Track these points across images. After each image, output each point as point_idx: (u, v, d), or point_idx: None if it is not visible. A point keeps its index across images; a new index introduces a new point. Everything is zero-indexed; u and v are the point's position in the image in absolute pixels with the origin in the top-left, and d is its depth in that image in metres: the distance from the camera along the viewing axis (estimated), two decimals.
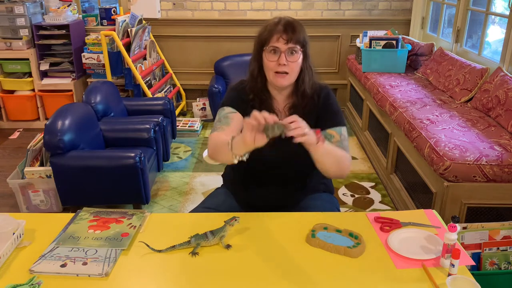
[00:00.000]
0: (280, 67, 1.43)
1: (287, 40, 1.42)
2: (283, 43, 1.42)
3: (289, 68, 1.44)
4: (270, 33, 1.44)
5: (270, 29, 1.44)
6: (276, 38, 1.42)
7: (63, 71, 4.13)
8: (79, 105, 2.83)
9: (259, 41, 1.47)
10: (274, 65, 1.44)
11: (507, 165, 1.98)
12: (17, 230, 1.27)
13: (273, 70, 1.45)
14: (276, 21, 1.46)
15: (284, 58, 1.42)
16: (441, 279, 1.12)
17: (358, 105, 4.02)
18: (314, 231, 1.31)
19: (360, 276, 1.15)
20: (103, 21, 4.36)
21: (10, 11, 3.92)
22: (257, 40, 1.49)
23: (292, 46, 1.42)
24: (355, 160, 3.47)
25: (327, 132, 1.49)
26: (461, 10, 3.37)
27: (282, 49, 1.42)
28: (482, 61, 3.04)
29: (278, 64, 1.43)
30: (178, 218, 1.55)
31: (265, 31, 1.46)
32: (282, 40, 1.42)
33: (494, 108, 2.50)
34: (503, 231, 1.77)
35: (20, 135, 4.07)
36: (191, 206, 2.71)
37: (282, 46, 1.42)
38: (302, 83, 1.50)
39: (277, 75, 1.45)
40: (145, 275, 1.16)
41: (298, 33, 1.43)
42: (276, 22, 1.45)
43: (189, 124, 4.08)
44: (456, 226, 1.14)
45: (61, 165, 2.45)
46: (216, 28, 4.45)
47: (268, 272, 1.16)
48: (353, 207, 2.80)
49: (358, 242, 1.26)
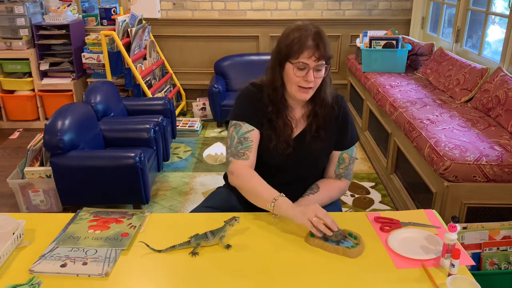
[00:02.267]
0: (307, 83, 1.40)
1: (318, 58, 1.36)
2: (313, 60, 1.36)
3: (314, 83, 1.41)
4: (300, 48, 1.36)
5: (301, 44, 1.36)
6: (307, 55, 1.35)
7: (63, 71, 4.13)
8: (79, 105, 2.83)
9: (286, 52, 1.39)
10: (300, 80, 1.40)
11: (507, 165, 1.98)
12: (17, 230, 1.27)
13: (297, 84, 1.41)
14: (305, 34, 1.36)
15: (312, 75, 1.38)
16: (441, 279, 1.12)
17: (358, 105, 4.02)
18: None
19: (360, 276, 1.15)
20: (103, 21, 4.36)
21: (10, 11, 3.92)
22: (282, 50, 1.41)
23: (321, 63, 1.38)
24: (355, 160, 3.46)
25: (341, 156, 1.57)
26: (461, 10, 3.37)
27: (311, 66, 1.37)
28: (482, 61, 3.04)
29: (304, 80, 1.39)
30: (178, 218, 1.55)
31: (294, 44, 1.37)
32: (314, 57, 1.36)
33: (494, 108, 2.50)
34: (503, 231, 1.77)
35: (20, 135, 4.07)
36: (191, 206, 2.71)
37: (312, 64, 1.37)
38: (325, 94, 1.49)
39: (300, 89, 1.42)
40: (145, 275, 1.16)
41: (329, 49, 1.38)
42: (306, 36, 1.36)
43: (189, 124, 4.08)
44: (456, 226, 1.14)
45: (61, 165, 2.45)
46: (216, 28, 4.45)
47: (268, 272, 1.16)
48: (353, 207, 2.80)
49: (357, 242, 1.26)
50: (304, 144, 1.51)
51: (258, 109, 1.49)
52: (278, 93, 1.47)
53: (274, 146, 1.49)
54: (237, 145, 1.48)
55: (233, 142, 1.49)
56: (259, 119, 1.49)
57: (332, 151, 1.58)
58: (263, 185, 1.43)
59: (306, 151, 1.51)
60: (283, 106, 1.50)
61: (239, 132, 1.48)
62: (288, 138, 1.50)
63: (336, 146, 1.57)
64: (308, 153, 1.52)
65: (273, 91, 1.47)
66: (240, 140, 1.48)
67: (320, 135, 1.50)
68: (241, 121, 1.49)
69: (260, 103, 1.49)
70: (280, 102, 1.49)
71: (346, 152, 1.58)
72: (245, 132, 1.48)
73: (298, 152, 1.51)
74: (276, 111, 1.49)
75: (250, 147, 1.47)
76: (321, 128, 1.51)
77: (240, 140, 1.48)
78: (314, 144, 1.51)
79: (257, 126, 1.49)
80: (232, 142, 1.49)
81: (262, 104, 1.49)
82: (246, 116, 1.49)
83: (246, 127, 1.49)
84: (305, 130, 1.52)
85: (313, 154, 1.53)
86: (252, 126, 1.48)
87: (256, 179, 1.45)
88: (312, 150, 1.52)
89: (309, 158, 1.54)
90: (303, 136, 1.52)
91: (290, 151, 1.49)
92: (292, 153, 1.50)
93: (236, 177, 1.48)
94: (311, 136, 1.50)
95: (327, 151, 1.57)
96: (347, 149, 1.58)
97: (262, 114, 1.49)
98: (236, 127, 1.50)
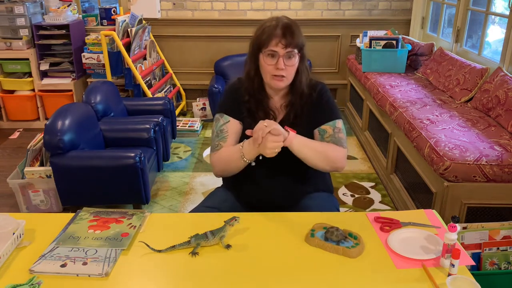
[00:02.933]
0: (278, 71, 1.45)
1: (285, 45, 1.42)
2: (281, 47, 1.43)
3: (287, 71, 1.46)
4: (268, 37, 1.43)
5: (269, 33, 1.44)
6: (275, 42, 1.43)
7: (63, 71, 4.13)
8: (79, 105, 2.83)
9: (257, 43, 1.47)
10: (271, 68, 1.45)
11: (507, 165, 1.98)
12: (17, 230, 1.27)
13: (271, 73, 1.47)
14: (274, 24, 1.45)
15: (282, 62, 1.44)
16: (441, 279, 1.12)
17: (358, 105, 4.02)
18: (314, 231, 1.31)
19: (360, 276, 1.15)
20: (103, 21, 4.36)
21: (10, 11, 3.92)
22: (254, 41, 1.49)
23: (290, 50, 1.43)
24: (355, 160, 3.47)
25: (321, 128, 1.54)
26: (461, 10, 3.37)
27: (281, 53, 1.43)
28: (482, 61, 3.04)
29: (276, 68, 1.44)
30: (178, 218, 1.55)
31: (263, 34, 1.45)
32: (281, 45, 1.42)
33: (494, 108, 2.50)
34: (503, 231, 1.77)
35: (20, 135, 4.07)
36: (191, 206, 2.71)
37: (281, 51, 1.43)
38: (300, 84, 1.52)
39: (274, 77, 1.47)
40: (145, 275, 1.16)
41: (297, 37, 1.44)
42: (275, 25, 1.44)
43: (189, 124, 4.08)
44: (456, 226, 1.14)
45: (61, 165, 2.45)
46: (216, 28, 4.45)
47: (268, 272, 1.16)
48: (353, 207, 2.81)
49: (357, 242, 1.26)
50: None
51: (236, 100, 1.56)
52: (254, 83, 1.53)
53: None
54: (214, 138, 1.56)
55: (213, 136, 1.57)
56: (237, 109, 1.55)
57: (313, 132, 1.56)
58: (228, 150, 1.50)
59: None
60: (261, 96, 1.55)
61: (217, 126, 1.56)
62: None
63: (314, 124, 1.55)
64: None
65: (249, 81, 1.54)
66: (217, 133, 1.55)
67: (297, 122, 1.53)
68: (220, 113, 1.57)
69: (238, 94, 1.56)
70: (258, 93, 1.54)
71: (326, 124, 1.54)
72: (222, 124, 1.55)
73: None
74: (255, 102, 1.54)
75: (225, 138, 1.53)
76: (297, 116, 1.54)
77: (217, 133, 1.55)
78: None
79: (236, 116, 1.55)
80: (212, 136, 1.58)
81: (240, 95, 1.55)
82: (225, 108, 1.57)
83: (222, 120, 1.55)
84: (283, 119, 1.56)
85: None
86: (230, 117, 1.54)
87: (223, 154, 1.51)
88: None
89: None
90: (281, 126, 1.48)
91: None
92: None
93: (216, 167, 1.56)
94: (289, 124, 1.50)
95: (307, 136, 1.52)
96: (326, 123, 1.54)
97: (240, 105, 1.55)
98: (216, 121, 1.58)
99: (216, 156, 1.54)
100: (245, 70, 1.56)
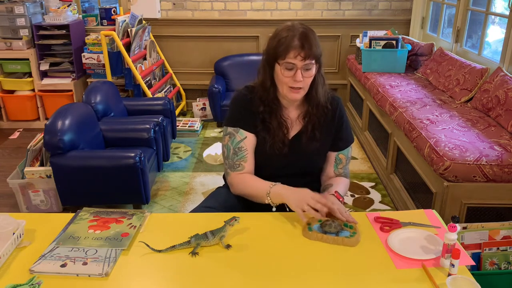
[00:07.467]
0: (296, 83, 1.40)
1: (304, 57, 1.37)
2: (300, 60, 1.37)
3: (304, 83, 1.42)
4: (286, 48, 1.37)
5: (286, 44, 1.37)
6: (293, 54, 1.37)
7: (63, 71, 4.13)
8: (79, 105, 2.83)
9: (274, 53, 1.41)
10: (289, 80, 1.41)
11: (507, 165, 1.98)
12: (17, 230, 1.27)
13: (288, 85, 1.42)
14: (292, 34, 1.38)
15: (300, 75, 1.39)
16: (441, 279, 1.12)
17: (358, 105, 4.02)
18: (310, 224, 1.33)
19: (360, 276, 1.15)
20: (103, 21, 4.36)
21: (10, 11, 3.91)
22: (270, 52, 1.43)
23: (309, 62, 1.39)
24: (355, 160, 3.47)
25: (338, 157, 1.59)
26: (461, 10, 3.37)
27: (299, 66, 1.38)
28: (482, 61, 3.04)
29: (293, 80, 1.40)
30: (178, 218, 1.55)
31: (280, 45, 1.38)
32: (300, 57, 1.37)
33: (494, 108, 2.50)
34: (503, 231, 1.77)
35: (20, 135, 4.07)
36: (191, 206, 2.71)
37: (299, 63, 1.38)
38: (316, 94, 1.49)
39: (291, 89, 1.43)
40: (145, 275, 1.16)
41: (315, 48, 1.39)
42: (292, 36, 1.37)
43: (189, 124, 4.08)
44: (456, 226, 1.14)
45: (61, 165, 2.45)
46: (216, 28, 4.45)
47: (268, 272, 1.16)
48: (353, 207, 2.80)
49: (354, 231, 1.30)
50: (300, 145, 1.52)
51: (249, 111, 1.51)
52: (269, 93, 1.49)
53: (270, 146, 1.50)
54: (233, 156, 1.51)
55: (229, 153, 1.53)
56: (252, 122, 1.51)
57: (328, 151, 1.60)
58: (257, 182, 1.48)
59: (302, 151, 1.53)
60: (276, 106, 1.51)
61: (234, 142, 1.51)
62: (284, 138, 1.51)
63: (332, 147, 1.60)
64: (305, 154, 1.54)
65: (264, 91, 1.49)
66: (235, 151, 1.51)
67: (316, 136, 1.52)
68: (234, 127, 1.51)
69: (251, 105, 1.51)
70: (272, 103, 1.50)
71: (342, 153, 1.60)
72: (239, 141, 1.51)
73: (294, 152, 1.52)
74: (269, 111, 1.51)
75: (245, 157, 1.51)
76: (316, 129, 1.52)
77: (235, 151, 1.51)
78: (311, 145, 1.53)
79: (251, 129, 1.51)
80: (229, 153, 1.53)
81: (253, 106, 1.50)
82: (238, 121, 1.52)
83: (239, 136, 1.51)
84: (301, 131, 1.53)
85: (310, 154, 1.55)
86: (245, 131, 1.51)
87: (249, 181, 1.50)
88: (308, 151, 1.53)
89: (306, 159, 1.56)
90: (299, 137, 1.53)
91: (286, 151, 1.50)
92: (289, 154, 1.51)
93: (236, 187, 1.54)
94: (308, 137, 1.52)
95: (323, 152, 1.60)
96: (343, 150, 1.60)
97: (254, 116, 1.51)
98: (230, 136, 1.52)
99: (239, 178, 1.52)
100: (259, 79, 1.51)
